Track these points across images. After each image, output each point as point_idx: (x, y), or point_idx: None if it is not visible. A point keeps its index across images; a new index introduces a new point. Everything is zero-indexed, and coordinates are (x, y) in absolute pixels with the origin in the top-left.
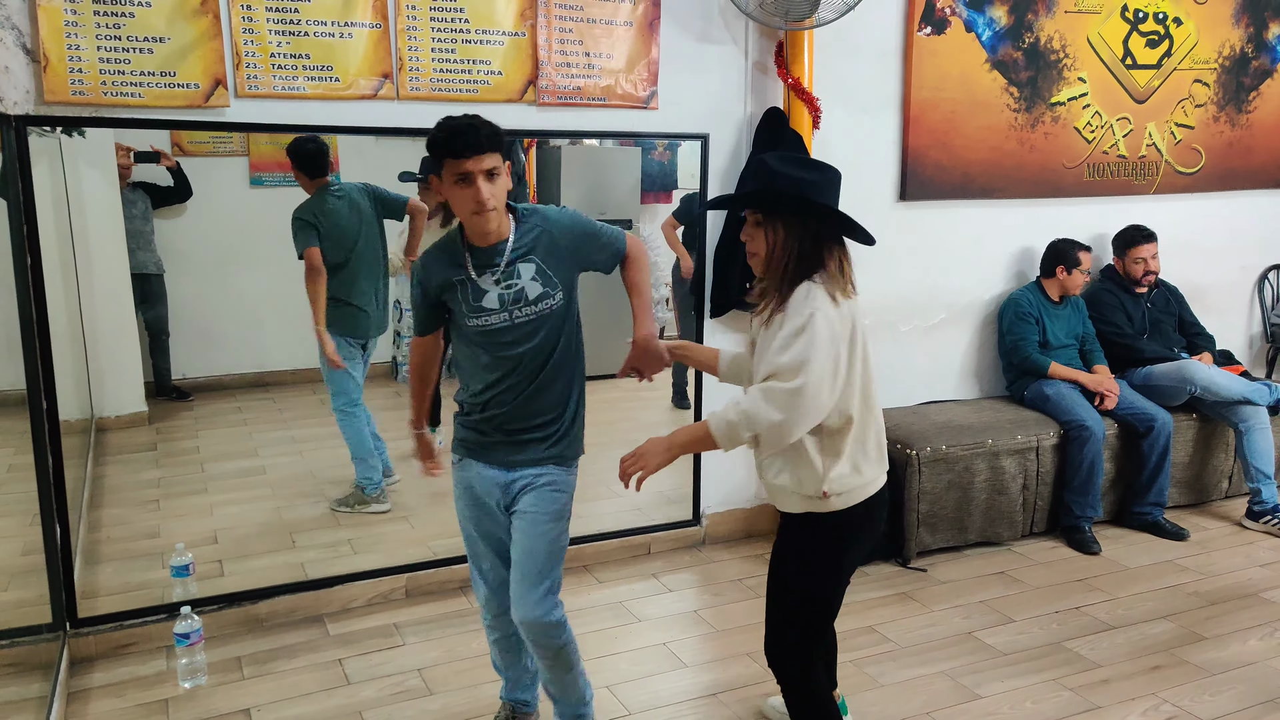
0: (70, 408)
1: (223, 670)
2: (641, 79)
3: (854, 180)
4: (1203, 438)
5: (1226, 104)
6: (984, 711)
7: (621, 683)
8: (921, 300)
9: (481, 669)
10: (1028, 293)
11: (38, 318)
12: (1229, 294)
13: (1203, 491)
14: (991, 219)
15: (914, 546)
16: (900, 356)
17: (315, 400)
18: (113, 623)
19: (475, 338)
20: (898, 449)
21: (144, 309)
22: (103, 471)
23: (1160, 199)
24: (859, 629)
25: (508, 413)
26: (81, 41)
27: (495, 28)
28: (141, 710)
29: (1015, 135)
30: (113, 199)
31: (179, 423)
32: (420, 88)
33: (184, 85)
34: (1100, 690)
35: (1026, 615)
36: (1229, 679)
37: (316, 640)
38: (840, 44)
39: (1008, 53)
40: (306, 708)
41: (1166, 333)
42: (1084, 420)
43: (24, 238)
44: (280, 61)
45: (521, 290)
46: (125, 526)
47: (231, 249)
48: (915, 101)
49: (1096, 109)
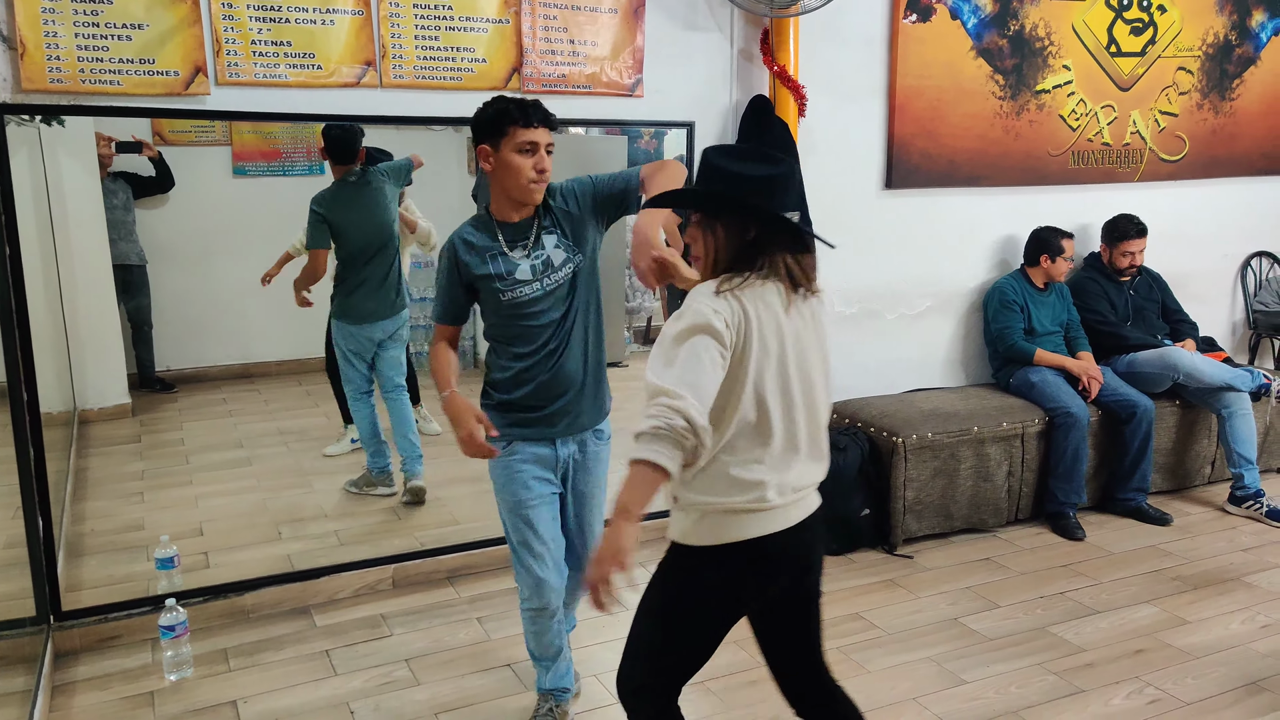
0: (53, 400)
1: (209, 662)
2: (627, 66)
3: (839, 168)
4: (1186, 424)
5: (1210, 91)
6: (969, 696)
7: (609, 671)
8: (907, 288)
9: (468, 659)
10: (1012, 280)
11: (17, 309)
12: (1212, 281)
13: (1186, 477)
14: (977, 207)
15: (900, 533)
16: (886, 345)
17: (300, 391)
18: (97, 616)
19: (509, 311)
20: (884, 437)
21: (126, 300)
22: (86, 464)
23: (1144, 186)
24: (845, 616)
25: (545, 382)
26: (59, 28)
27: (479, 15)
28: (127, 703)
29: (1000, 123)
30: (94, 189)
31: (163, 414)
32: (404, 75)
33: (163, 73)
34: (1084, 674)
35: (1011, 601)
36: (1211, 662)
37: (303, 631)
38: (826, 31)
39: (993, 40)
40: (293, 699)
41: (1150, 320)
42: (1068, 407)
43: (2, 228)
44: (261, 49)
45: (548, 258)
46: (109, 519)
47: (214, 239)
48: (901, 89)
49: (1081, 96)
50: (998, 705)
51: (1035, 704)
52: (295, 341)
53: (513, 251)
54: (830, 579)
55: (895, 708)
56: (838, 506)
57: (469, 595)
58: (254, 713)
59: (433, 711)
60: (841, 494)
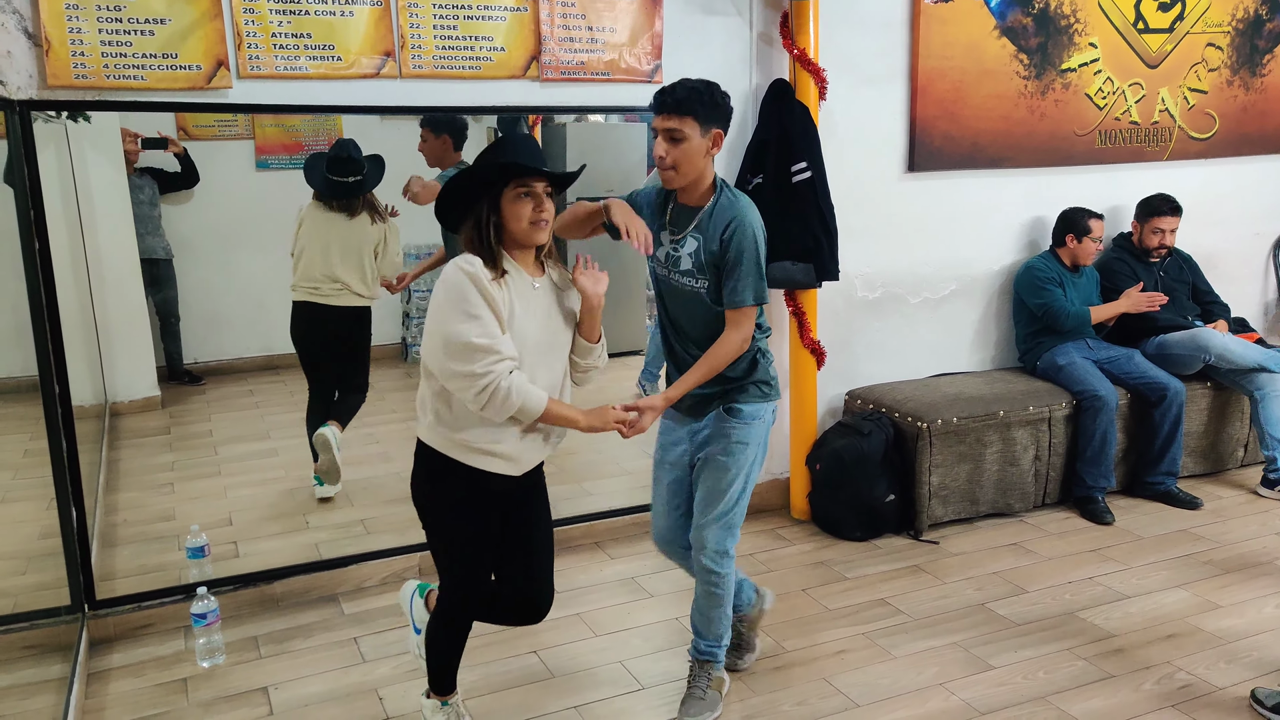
0: (84, 393)
1: (240, 649)
2: (645, 52)
3: (860, 152)
4: (1218, 406)
5: (1240, 68)
6: (997, 681)
7: (634, 657)
8: (931, 272)
9: (495, 645)
10: (1042, 261)
11: (47, 303)
12: (1243, 261)
13: (1218, 460)
14: (1001, 189)
15: (925, 519)
16: (910, 329)
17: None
18: (131, 604)
19: (652, 280)
20: (909, 422)
21: (154, 294)
22: (117, 456)
23: (1173, 165)
24: (871, 601)
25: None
26: (83, 24)
27: (497, 3)
28: (161, 690)
29: (1025, 103)
30: (120, 185)
31: (191, 406)
32: (423, 65)
33: (186, 67)
34: (1114, 659)
35: (1039, 586)
36: (1243, 647)
37: (331, 619)
38: (846, 13)
39: (1017, 19)
40: (323, 685)
41: (1180, 301)
42: (1097, 390)
43: (31, 224)
44: (281, 41)
45: (679, 259)
46: (141, 509)
47: (238, 233)
48: (923, 71)
49: (1108, 75)
50: (1025, 690)
51: (1064, 689)
52: None
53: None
54: (856, 564)
55: (922, 693)
56: (863, 492)
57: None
58: (285, 699)
59: (460, 698)
60: (866, 479)
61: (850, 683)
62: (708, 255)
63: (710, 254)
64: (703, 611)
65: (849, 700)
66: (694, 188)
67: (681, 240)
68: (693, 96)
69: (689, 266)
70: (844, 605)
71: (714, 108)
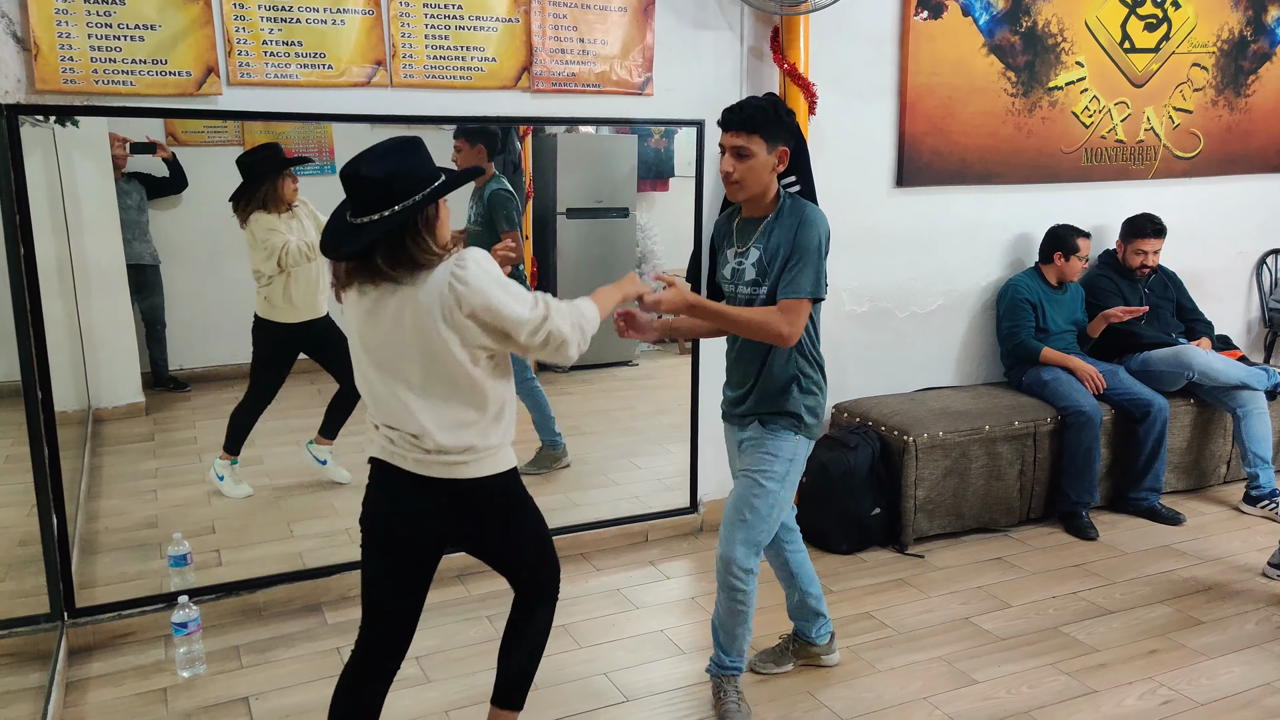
0: (67, 399)
1: (221, 659)
2: (636, 65)
3: (850, 166)
4: (1201, 423)
5: (1225, 88)
6: (981, 696)
7: (619, 669)
8: (918, 286)
9: (478, 657)
10: (1027, 278)
11: (31, 308)
12: (1227, 279)
13: (1201, 477)
14: (988, 205)
15: (911, 533)
16: (897, 343)
17: (311, 390)
18: (111, 612)
19: (721, 293)
20: (895, 435)
21: (140, 300)
22: (100, 462)
23: (1158, 184)
24: (856, 615)
25: (730, 369)
26: (72, 29)
27: (488, 14)
28: (140, 699)
29: (1012, 120)
30: (108, 190)
31: (176, 413)
32: (414, 75)
33: (176, 73)
34: (1097, 674)
35: (1023, 601)
36: (1226, 663)
37: (314, 629)
38: (837, 29)
39: (1005, 37)
40: (305, 696)
41: (1164, 318)
42: (1081, 406)
43: (17, 228)
44: (272, 49)
45: (744, 271)
46: (123, 516)
47: (226, 240)
48: (912, 87)
49: (1094, 93)
50: (1009, 705)
51: (1047, 704)
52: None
53: (733, 245)
54: (841, 578)
55: (906, 707)
56: (849, 505)
57: (479, 593)
58: (266, 709)
59: (443, 709)
60: (852, 493)
61: (835, 696)
62: (769, 257)
63: (772, 255)
64: (727, 629)
65: (833, 714)
66: (758, 200)
67: (746, 252)
68: (759, 114)
69: (753, 276)
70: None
71: (779, 125)
